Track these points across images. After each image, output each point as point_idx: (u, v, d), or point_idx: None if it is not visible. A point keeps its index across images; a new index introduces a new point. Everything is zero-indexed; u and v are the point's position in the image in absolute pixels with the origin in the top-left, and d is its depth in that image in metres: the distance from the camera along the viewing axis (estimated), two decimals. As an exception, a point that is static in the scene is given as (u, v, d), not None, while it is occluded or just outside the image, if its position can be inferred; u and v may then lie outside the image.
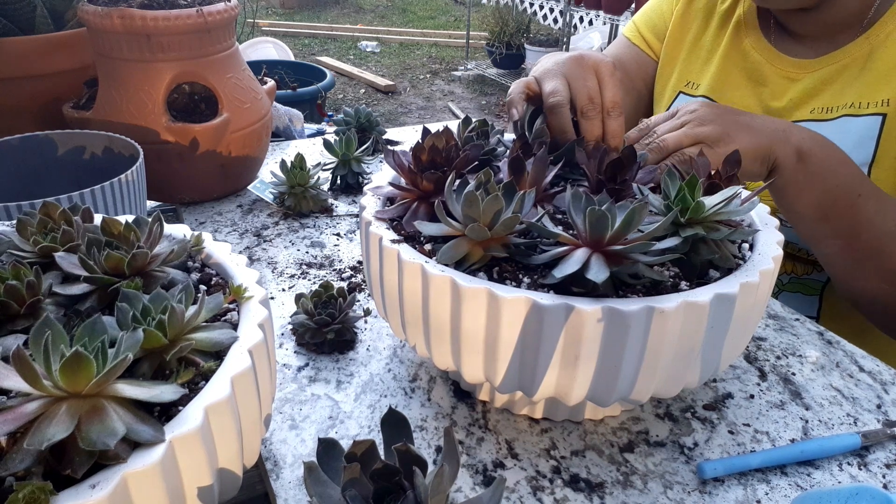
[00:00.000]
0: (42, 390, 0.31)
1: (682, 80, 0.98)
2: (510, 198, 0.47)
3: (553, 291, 0.44)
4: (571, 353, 0.43)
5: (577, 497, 0.49)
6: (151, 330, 0.36)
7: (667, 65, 1.02)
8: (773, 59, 0.87)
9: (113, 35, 0.80)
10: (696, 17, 0.98)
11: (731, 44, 0.92)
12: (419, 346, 0.51)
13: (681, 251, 0.46)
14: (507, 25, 5.04)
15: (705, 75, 0.95)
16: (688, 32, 0.99)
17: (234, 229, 0.88)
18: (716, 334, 0.45)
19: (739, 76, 0.90)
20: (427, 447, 0.53)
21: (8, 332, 0.38)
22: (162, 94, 0.83)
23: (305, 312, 0.63)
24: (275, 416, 0.56)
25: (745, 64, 0.90)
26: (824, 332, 0.70)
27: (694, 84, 0.96)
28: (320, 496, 0.37)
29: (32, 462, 0.30)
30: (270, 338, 0.43)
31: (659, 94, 1.04)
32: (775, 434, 0.56)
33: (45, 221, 0.46)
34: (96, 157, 0.80)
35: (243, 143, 0.91)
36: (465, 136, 0.63)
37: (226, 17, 0.86)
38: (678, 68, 0.99)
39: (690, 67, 0.98)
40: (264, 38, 3.79)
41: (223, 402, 0.35)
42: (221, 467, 0.37)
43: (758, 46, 0.89)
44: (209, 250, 0.49)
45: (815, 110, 0.83)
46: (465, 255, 0.46)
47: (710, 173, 0.52)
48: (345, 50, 5.98)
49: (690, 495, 0.49)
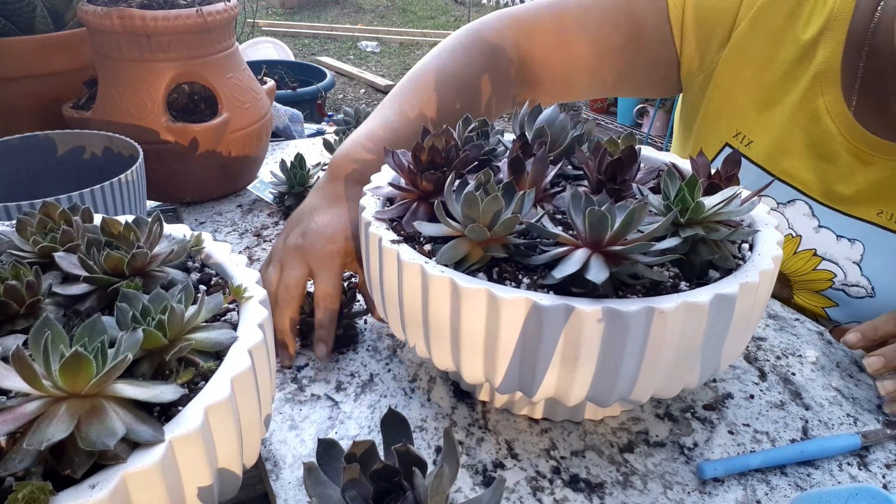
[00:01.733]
0: (42, 390, 0.31)
1: (731, 127, 0.76)
2: (510, 198, 0.47)
3: (553, 292, 0.44)
4: (571, 354, 0.43)
5: (577, 497, 0.49)
6: (151, 330, 0.36)
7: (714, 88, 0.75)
8: (849, 129, 0.67)
9: (113, 35, 0.80)
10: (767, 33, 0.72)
11: (802, 99, 0.70)
12: (419, 346, 0.51)
13: (680, 251, 0.46)
14: (507, 25, 5.04)
15: (762, 131, 0.73)
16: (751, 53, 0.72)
17: (233, 229, 0.88)
18: (716, 334, 0.45)
19: (801, 143, 0.70)
20: (427, 447, 0.53)
21: (8, 332, 0.38)
22: (162, 94, 0.83)
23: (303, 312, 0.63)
24: (275, 416, 0.56)
25: (812, 129, 0.69)
26: (824, 332, 0.70)
27: (745, 138, 0.74)
28: (320, 496, 0.37)
29: (32, 462, 0.30)
30: (270, 338, 0.43)
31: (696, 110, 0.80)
32: (775, 434, 0.56)
33: (45, 221, 0.46)
34: (96, 157, 0.80)
35: (243, 143, 0.91)
36: (465, 136, 0.62)
37: (225, 17, 0.86)
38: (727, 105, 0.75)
39: (744, 113, 0.74)
40: (264, 38, 3.79)
41: (223, 403, 0.35)
42: (221, 467, 0.37)
43: (834, 110, 0.68)
44: (209, 250, 0.49)
45: (883, 214, 0.67)
46: (464, 256, 0.46)
47: (710, 173, 0.52)
48: (345, 50, 5.98)
49: (690, 495, 0.49)
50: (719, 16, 0.73)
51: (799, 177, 0.71)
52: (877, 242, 0.68)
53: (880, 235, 0.68)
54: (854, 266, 0.70)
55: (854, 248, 0.70)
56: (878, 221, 0.68)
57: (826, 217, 0.71)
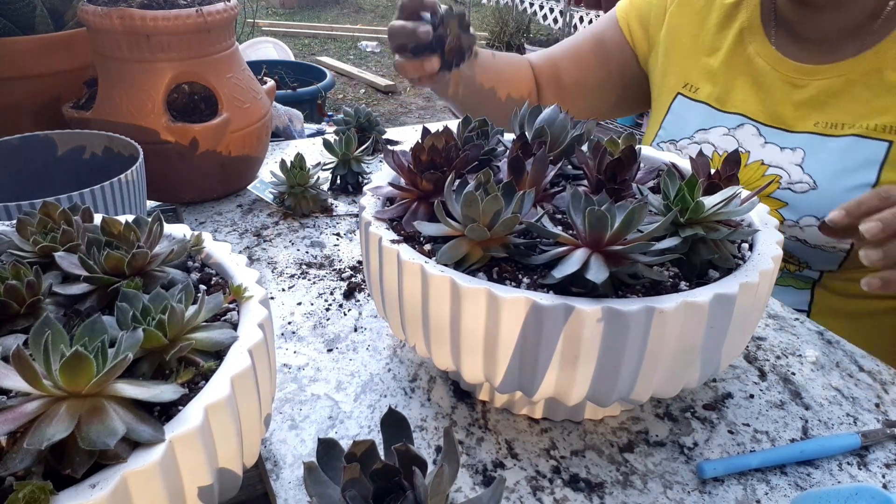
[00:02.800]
0: (42, 390, 0.31)
1: (679, 80, 0.97)
2: (510, 198, 0.47)
3: (553, 292, 0.44)
4: (571, 354, 0.43)
5: (577, 497, 0.49)
6: (151, 330, 0.36)
7: (663, 56, 0.99)
8: (776, 63, 0.86)
9: (113, 35, 0.80)
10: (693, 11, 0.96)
11: (734, 50, 0.91)
12: (419, 346, 0.51)
13: (680, 251, 0.46)
14: (506, 25, 5.05)
15: (706, 80, 0.94)
16: (684, 27, 0.97)
17: (233, 229, 0.88)
18: (715, 334, 0.45)
19: (744, 82, 0.90)
20: (427, 447, 0.53)
21: (8, 331, 0.38)
22: (162, 94, 0.83)
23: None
24: (275, 416, 0.56)
25: (749, 69, 0.89)
26: (824, 332, 0.70)
27: (692, 87, 0.95)
28: (320, 496, 0.37)
29: (32, 462, 0.30)
30: (270, 338, 0.43)
31: (657, 87, 1.02)
32: (775, 434, 0.56)
33: (45, 221, 0.46)
34: (96, 157, 0.80)
35: (243, 143, 0.91)
36: (465, 136, 0.62)
37: (225, 17, 0.86)
38: (675, 66, 0.98)
39: (688, 69, 0.96)
40: (264, 38, 3.79)
41: (223, 402, 0.35)
42: (221, 467, 0.37)
43: (762, 52, 0.88)
44: (209, 250, 0.49)
45: (819, 124, 0.82)
46: (464, 256, 0.46)
47: (710, 173, 0.52)
48: (345, 50, 5.97)
49: (690, 495, 0.49)
50: (652, 7, 1.01)
51: (745, 108, 0.89)
52: (815, 146, 0.82)
53: (818, 140, 0.82)
54: (797, 167, 0.83)
55: (795, 154, 0.84)
56: (815, 130, 0.82)
57: (771, 135, 0.87)
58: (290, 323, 0.68)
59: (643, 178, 0.56)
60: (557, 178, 0.60)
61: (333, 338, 0.66)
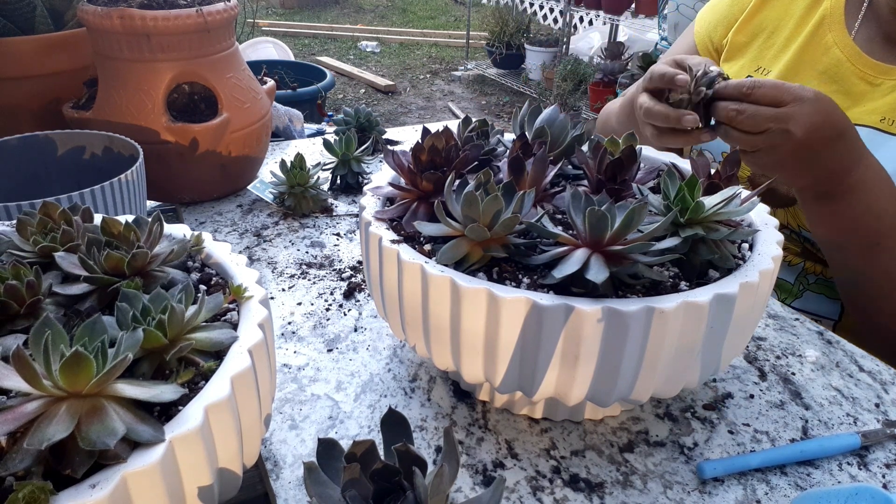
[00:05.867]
0: (42, 390, 0.31)
1: (753, 63, 0.95)
2: (510, 198, 0.47)
3: (553, 292, 0.44)
4: (571, 354, 0.43)
5: (577, 497, 0.49)
6: (151, 330, 0.36)
7: (737, 51, 0.97)
8: (854, 57, 0.84)
9: (113, 35, 0.80)
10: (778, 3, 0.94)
11: (811, 37, 0.88)
12: (419, 346, 0.51)
13: (680, 251, 0.46)
14: (507, 25, 5.04)
15: (778, 63, 0.91)
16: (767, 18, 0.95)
17: (233, 229, 0.88)
18: (716, 334, 0.45)
19: (811, 72, 0.88)
20: (427, 447, 0.53)
21: (8, 332, 0.38)
22: (162, 94, 0.83)
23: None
24: (275, 416, 0.56)
25: (823, 59, 0.87)
26: (824, 332, 0.70)
27: (765, 70, 0.93)
28: (320, 496, 0.37)
29: (32, 462, 0.30)
30: (270, 338, 0.43)
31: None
32: (775, 434, 0.56)
33: (45, 221, 0.46)
34: (96, 157, 0.80)
35: (243, 143, 0.91)
36: (465, 136, 0.62)
37: (226, 17, 0.86)
38: (752, 52, 0.95)
39: (765, 53, 0.94)
40: (264, 38, 3.79)
41: (223, 402, 0.35)
42: (221, 467, 0.37)
43: (841, 43, 0.85)
44: (209, 250, 0.49)
45: (885, 120, 0.81)
46: (464, 256, 0.46)
47: (710, 173, 0.52)
48: (345, 50, 5.98)
49: (690, 495, 0.49)
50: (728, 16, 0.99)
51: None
52: (878, 143, 0.80)
53: (881, 137, 0.80)
54: None
55: None
56: (882, 127, 0.81)
57: None
58: (290, 323, 0.68)
59: (643, 178, 0.56)
60: (557, 178, 0.60)
61: (333, 338, 0.66)
